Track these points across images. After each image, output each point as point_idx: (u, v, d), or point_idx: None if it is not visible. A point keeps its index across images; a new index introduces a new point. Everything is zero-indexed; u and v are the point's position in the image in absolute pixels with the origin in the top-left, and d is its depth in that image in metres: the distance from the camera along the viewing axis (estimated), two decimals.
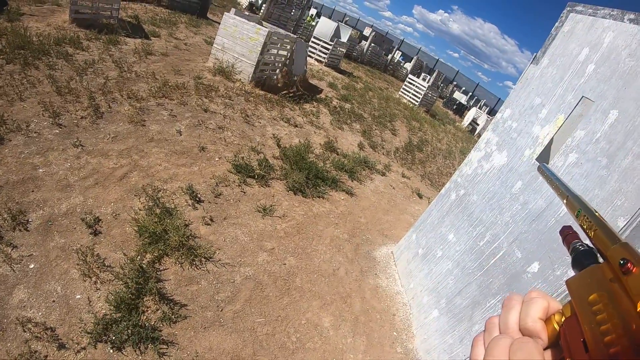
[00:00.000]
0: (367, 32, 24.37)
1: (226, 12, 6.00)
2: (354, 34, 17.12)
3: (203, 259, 2.53)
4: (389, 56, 20.50)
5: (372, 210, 4.36)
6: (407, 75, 15.04)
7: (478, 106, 22.67)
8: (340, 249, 3.37)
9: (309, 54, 11.12)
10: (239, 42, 5.86)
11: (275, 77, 6.62)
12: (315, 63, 11.38)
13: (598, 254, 0.29)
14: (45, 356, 1.68)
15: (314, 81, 8.70)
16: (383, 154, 6.55)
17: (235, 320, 2.24)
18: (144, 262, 2.28)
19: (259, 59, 5.83)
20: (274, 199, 3.58)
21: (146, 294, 2.10)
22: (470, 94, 26.85)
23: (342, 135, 6.28)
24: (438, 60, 35.92)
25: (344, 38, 12.99)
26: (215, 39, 6.11)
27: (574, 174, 1.94)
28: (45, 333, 1.75)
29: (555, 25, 2.47)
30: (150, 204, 2.74)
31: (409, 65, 21.36)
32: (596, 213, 0.31)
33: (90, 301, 1.98)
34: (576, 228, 0.34)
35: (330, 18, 15.51)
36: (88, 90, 3.83)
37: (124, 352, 1.81)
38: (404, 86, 13.64)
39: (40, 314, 1.84)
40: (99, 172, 2.88)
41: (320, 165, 4.54)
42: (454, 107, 21.09)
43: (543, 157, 2.29)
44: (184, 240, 2.51)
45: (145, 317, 2.00)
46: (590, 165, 1.87)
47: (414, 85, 13.14)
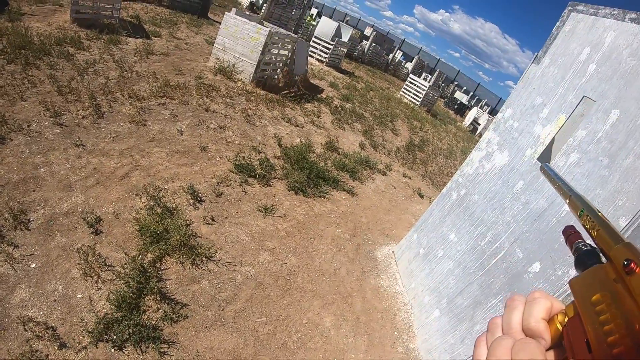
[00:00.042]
0: (368, 31, 24.32)
1: (227, 12, 6.00)
2: (354, 33, 17.10)
3: (204, 258, 2.53)
4: (390, 56, 20.48)
5: (373, 210, 4.36)
6: (408, 75, 15.01)
7: (479, 106, 22.62)
8: (342, 248, 3.37)
9: (310, 53, 11.12)
10: (240, 41, 5.86)
11: (276, 76, 6.62)
12: (316, 63, 11.38)
13: (601, 254, 0.29)
14: (47, 355, 1.68)
15: (315, 81, 8.70)
16: (384, 154, 6.55)
17: (237, 319, 2.24)
18: (145, 261, 2.29)
19: (260, 59, 5.83)
20: (275, 198, 3.58)
21: (147, 294, 2.10)
22: (472, 93, 26.75)
23: (343, 135, 6.27)
24: (439, 60, 35.92)
25: (345, 38, 13.00)
26: (216, 39, 6.11)
27: (575, 173, 1.93)
28: (47, 332, 1.76)
29: (557, 25, 2.46)
30: (152, 203, 2.75)
31: (410, 65, 21.34)
32: (599, 213, 0.30)
33: (92, 300, 1.98)
34: (579, 228, 0.34)
35: (331, 18, 15.53)
36: (89, 90, 3.83)
37: (125, 352, 1.82)
38: (405, 86, 13.62)
39: (41, 313, 1.85)
40: (100, 171, 2.88)
41: (321, 164, 4.54)
42: (455, 106, 21.08)
43: (544, 156, 2.28)
44: (185, 239, 2.52)
45: (146, 316, 2.01)
46: (591, 165, 1.86)
47: (415, 85, 13.12)
